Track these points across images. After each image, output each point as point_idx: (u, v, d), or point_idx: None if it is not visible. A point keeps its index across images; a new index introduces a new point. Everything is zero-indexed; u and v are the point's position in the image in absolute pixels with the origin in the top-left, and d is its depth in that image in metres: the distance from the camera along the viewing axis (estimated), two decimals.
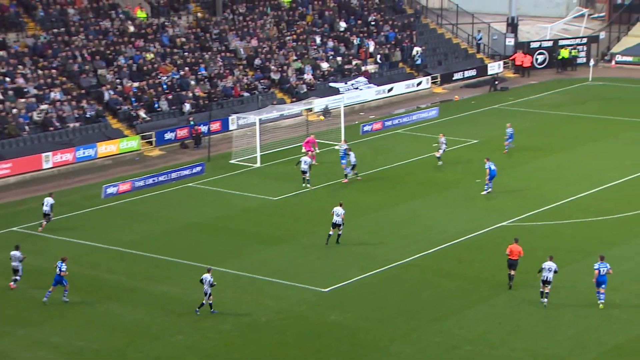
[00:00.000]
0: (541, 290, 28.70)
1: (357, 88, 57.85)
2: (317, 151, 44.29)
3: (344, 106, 51.14)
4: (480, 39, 68.79)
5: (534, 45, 67.90)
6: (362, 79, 58.67)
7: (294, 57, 57.83)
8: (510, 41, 67.87)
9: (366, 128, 50.30)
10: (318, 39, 60.69)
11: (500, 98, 58.94)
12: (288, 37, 59.71)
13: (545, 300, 28.64)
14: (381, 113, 56.00)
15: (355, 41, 61.80)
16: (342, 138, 45.05)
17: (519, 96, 59.20)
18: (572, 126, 50.99)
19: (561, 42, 68.16)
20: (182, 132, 48.89)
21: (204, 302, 28.08)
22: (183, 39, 55.68)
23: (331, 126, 50.60)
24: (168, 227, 36.35)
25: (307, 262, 32.29)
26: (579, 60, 67.53)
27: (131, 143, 46.79)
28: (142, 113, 48.90)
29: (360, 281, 30.56)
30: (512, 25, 68.29)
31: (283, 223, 36.42)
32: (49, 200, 35.18)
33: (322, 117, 53.74)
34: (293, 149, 46.34)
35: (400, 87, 59.76)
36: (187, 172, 42.69)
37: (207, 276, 27.93)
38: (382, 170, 43.33)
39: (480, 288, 29.84)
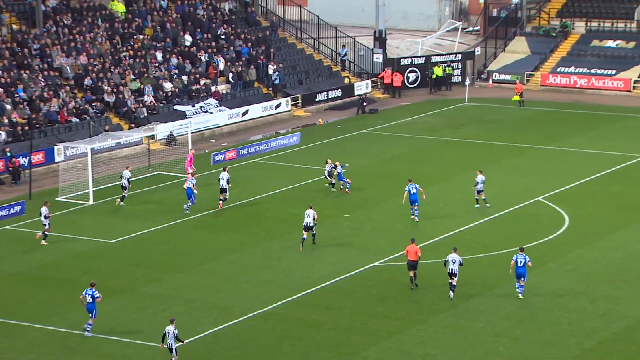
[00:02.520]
0: (450, 281, 32.56)
1: (206, 111, 57.90)
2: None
3: (192, 132, 51.05)
4: (345, 55, 70.36)
5: (404, 62, 70.06)
6: (212, 100, 58.79)
7: (132, 76, 57.34)
8: (378, 57, 69.73)
9: (218, 157, 50.34)
10: (159, 55, 60.46)
11: (369, 121, 60.35)
12: (124, 53, 59.19)
13: (452, 294, 32.50)
14: (235, 140, 56.20)
15: (203, 57, 61.93)
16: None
17: (390, 119, 60.79)
18: (449, 153, 52.76)
19: (434, 59, 70.63)
20: None
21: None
22: None
23: (177, 156, 50.31)
24: None
25: (150, 315, 31.89)
26: (454, 79, 70.16)
27: None
28: None
29: (214, 335, 30.43)
30: (380, 40, 70.23)
31: (121, 270, 35.87)
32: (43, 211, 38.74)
33: (166, 146, 53.40)
34: (132, 184, 45.72)
35: (256, 110, 60.23)
36: (3, 212, 41.56)
37: (170, 328, 27.89)
38: (237, 206, 43.39)
39: (351, 338, 30.28)
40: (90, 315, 30.08)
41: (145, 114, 55.03)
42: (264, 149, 52.86)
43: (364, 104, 63.34)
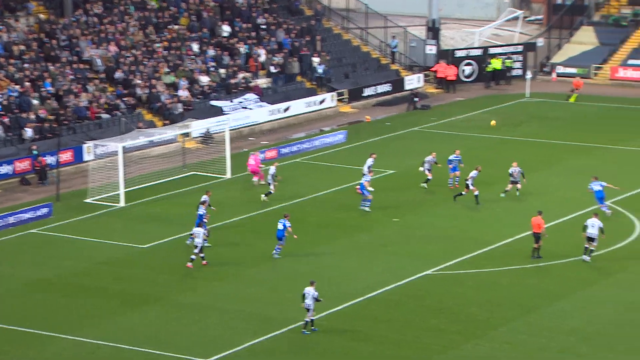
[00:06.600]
0: (585, 246, 36.26)
1: (245, 107, 58.13)
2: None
3: (230, 130, 51.26)
4: (395, 46, 70.30)
5: (459, 54, 69.78)
6: (251, 95, 59.01)
7: (166, 69, 57.75)
8: (431, 49, 69.55)
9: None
10: (195, 47, 60.82)
11: (420, 118, 60.21)
12: (157, 44, 59.64)
13: (589, 257, 36.15)
14: (276, 138, 56.35)
15: (242, 49, 62.20)
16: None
17: (443, 116, 60.62)
18: (507, 152, 52.39)
19: (492, 51, 70.28)
20: (23, 165, 48.06)
21: (307, 319, 30.91)
22: (22, 47, 54.90)
23: (213, 155, 50.55)
24: (5, 286, 35.53)
25: (185, 326, 32.09)
26: (514, 72, 69.75)
27: None
28: None
29: (252, 348, 30.54)
30: (433, 30, 70.05)
31: (154, 278, 36.11)
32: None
33: (202, 144, 53.71)
34: (166, 185, 46.10)
35: (299, 106, 60.35)
36: (29, 215, 41.98)
37: (310, 290, 30.85)
38: (277, 210, 43.52)
39: (401, 354, 30.22)
40: (280, 241, 36.75)
41: (180, 110, 55.38)
42: (307, 147, 52.96)
43: (415, 99, 63.22)
